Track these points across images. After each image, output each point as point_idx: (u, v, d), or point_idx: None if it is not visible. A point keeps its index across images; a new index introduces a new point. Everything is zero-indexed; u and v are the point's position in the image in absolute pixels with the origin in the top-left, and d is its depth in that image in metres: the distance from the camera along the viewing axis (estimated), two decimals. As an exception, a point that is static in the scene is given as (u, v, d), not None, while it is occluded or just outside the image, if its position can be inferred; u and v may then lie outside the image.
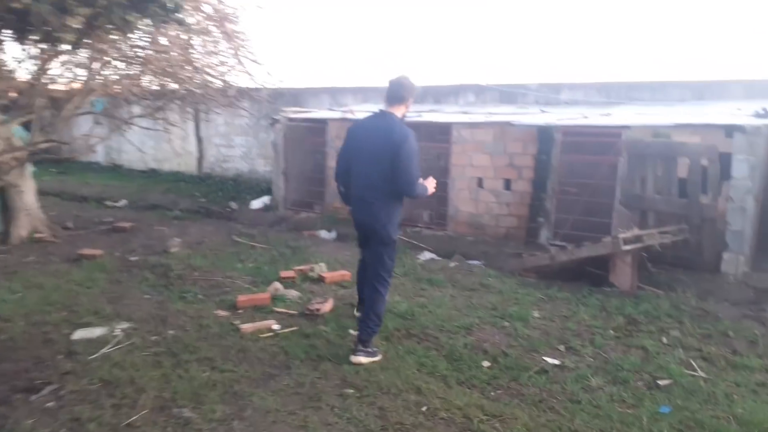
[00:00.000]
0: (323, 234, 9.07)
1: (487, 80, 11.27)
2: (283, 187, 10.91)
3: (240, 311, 5.44)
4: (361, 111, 10.74)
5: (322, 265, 6.62)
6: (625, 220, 6.94)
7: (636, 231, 6.13)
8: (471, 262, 7.54)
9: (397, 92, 4.29)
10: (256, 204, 11.28)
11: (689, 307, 5.59)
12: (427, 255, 7.49)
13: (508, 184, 8.36)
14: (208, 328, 5.04)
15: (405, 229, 9.13)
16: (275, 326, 5.06)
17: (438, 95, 11.71)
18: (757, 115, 7.03)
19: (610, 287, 6.18)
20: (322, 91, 13.39)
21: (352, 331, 4.91)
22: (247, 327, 5.00)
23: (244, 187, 13.65)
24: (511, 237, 8.31)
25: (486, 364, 4.40)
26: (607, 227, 7.49)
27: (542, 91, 10.48)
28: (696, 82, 8.95)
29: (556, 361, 4.46)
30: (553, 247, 6.79)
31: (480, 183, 8.60)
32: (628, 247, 5.83)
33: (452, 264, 7.01)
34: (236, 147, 14.73)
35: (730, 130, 6.57)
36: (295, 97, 13.76)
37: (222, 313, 5.40)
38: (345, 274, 6.41)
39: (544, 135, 7.93)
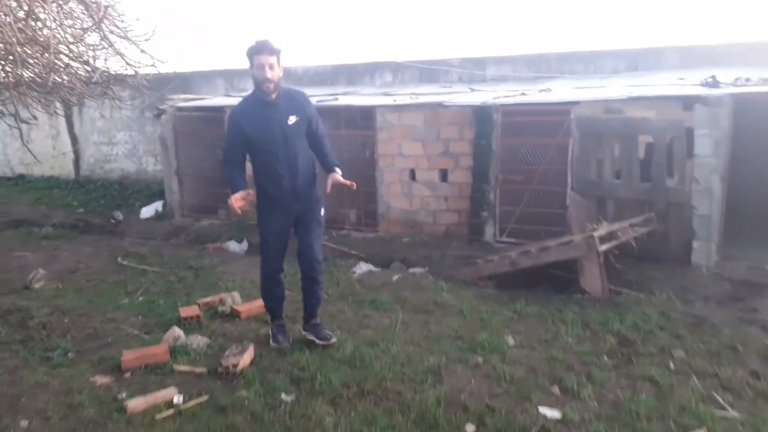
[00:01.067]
0: (232, 246, 7.63)
1: (405, 57, 10.18)
2: (177, 189, 9.25)
3: (127, 375, 4.00)
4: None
5: (235, 294, 5.24)
6: (581, 210, 6.12)
7: (607, 226, 5.29)
8: (413, 270, 6.45)
9: None
10: (147, 212, 9.55)
11: (678, 313, 4.82)
12: (363, 266, 6.30)
13: (444, 174, 7.32)
14: (80, 409, 3.58)
15: (330, 233, 7.88)
16: (177, 398, 3.68)
17: (351, 75, 10.46)
18: (706, 84, 6.42)
19: (581, 293, 5.31)
20: (217, 75, 11.71)
21: (284, 396, 3.65)
22: (136, 404, 3.59)
23: (132, 191, 11.75)
24: (453, 235, 7.30)
25: (470, 429, 3.32)
26: (560, 218, 6.66)
27: (466, 67, 9.53)
28: (629, 51, 8.34)
29: (556, 414, 3.45)
30: (513, 250, 5.82)
31: (412, 175, 7.50)
32: (604, 247, 4.96)
33: (395, 277, 5.87)
34: (119, 144, 12.69)
35: (689, 102, 5.87)
36: (185, 82, 11.96)
37: (101, 380, 3.93)
38: (265, 303, 5.07)
39: (481, 116, 6.94)
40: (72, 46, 5.83)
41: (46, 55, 5.39)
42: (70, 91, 6.16)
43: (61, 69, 5.66)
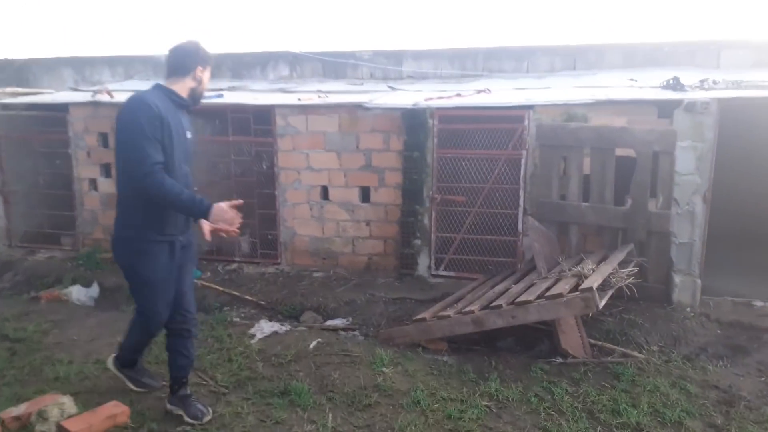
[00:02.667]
0: (76, 293, 5.55)
1: (304, 48, 8.53)
2: (2, 212, 6.91)
3: None
4: (123, 90, 7.23)
5: (66, 399, 3.32)
6: (542, 239, 4.89)
7: (597, 268, 4.07)
8: (333, 323, 4.87)
9: (178, 61, 3.06)
10: (-41, 243, 7.07)
11: (695, 384, 3.68)
12: (264, 326, 4.59)
13: (366, 193, 5.80)
14: None
15: (214, 268, 6.10)
16: None
17: (238, 66, 8.61)
18: (668, 87, 5.48)
19: (562, 356, 4.05)
20: (63, 63, 9.30)
21: None
22: None
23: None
24: (377, 268, 5.81)
25: None
26: (509, 247, 5.43)
27: (379, 62, 8.09)
28: (567, 47, 7.34)
29: None
30: (470, 298, 4.41)
31: (325, 194, 5.91)
32: (603, 303, 3.72)
33: (312, 343, 4.24)
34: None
35: (668, 108, 4.86)
36: (21, 72, 9.45)
37: None
38: (118, 408, 3.25)
39: (413, 122, 5.51)
40: None
41: None
42: None
43: None
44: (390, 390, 3.58)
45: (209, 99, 6.13)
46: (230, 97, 6.33)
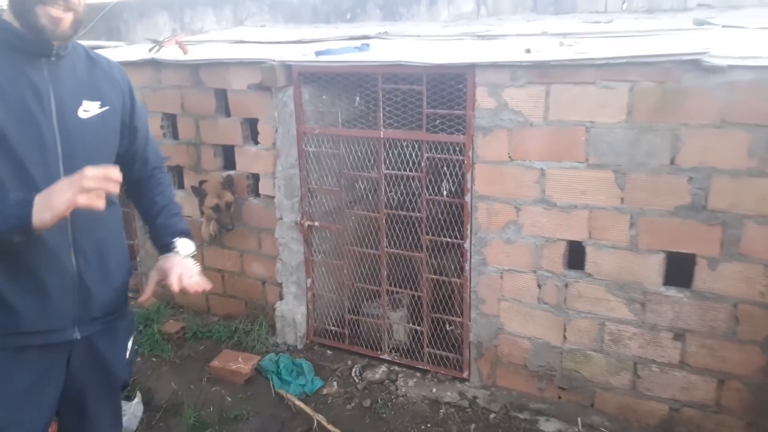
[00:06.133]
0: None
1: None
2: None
3: None
4: (219, 42, 4.58)
5: None
6: None
7: None
8: None
9: None
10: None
11: None
12: None
13: (683, 268, 2.52)
14: None
15: (347, 370, 3.29)
16: None
17: (390, 3, 5.55)
18: None
19: None
20: (158, 6, 6.94)
21: None
22: None
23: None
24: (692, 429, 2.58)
25: None
26: None
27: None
28: None
29: None
30: None
31: (575, 257, 2.72)
32: None
33: None
34: None
35: None
36: (111, 19, 7.27)
37: None
38: None
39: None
40: None
41: None
42: None
43: None
44: None
45: (340, 54, 3.13)
46: (380, 51, 3.28)
